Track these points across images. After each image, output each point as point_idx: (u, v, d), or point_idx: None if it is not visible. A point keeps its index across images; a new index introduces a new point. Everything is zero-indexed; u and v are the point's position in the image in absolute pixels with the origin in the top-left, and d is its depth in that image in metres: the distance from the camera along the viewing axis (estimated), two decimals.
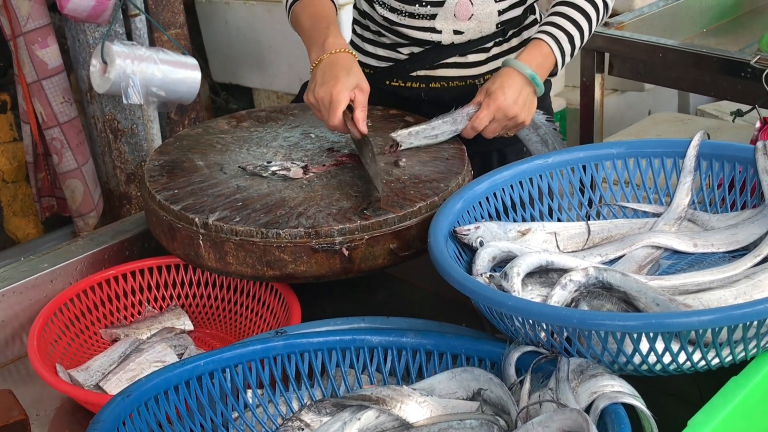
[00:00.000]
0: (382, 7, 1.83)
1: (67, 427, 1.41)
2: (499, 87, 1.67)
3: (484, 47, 1.86)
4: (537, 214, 1.51)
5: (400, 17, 1.81)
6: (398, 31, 1.84)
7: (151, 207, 1.54)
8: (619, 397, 1.05)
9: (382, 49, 1.90)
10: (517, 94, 1.67)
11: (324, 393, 1.28)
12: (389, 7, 1.82)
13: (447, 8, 1.77)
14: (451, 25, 1.79)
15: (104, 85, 2.63)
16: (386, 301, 1.65)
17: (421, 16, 1.80)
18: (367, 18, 1.91)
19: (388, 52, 1.90)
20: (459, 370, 1.22)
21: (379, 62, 1.92)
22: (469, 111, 1.68)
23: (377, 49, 1.91)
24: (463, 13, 1.77)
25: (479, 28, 1.81)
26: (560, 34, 1.73)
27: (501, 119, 1.67)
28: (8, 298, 1.56)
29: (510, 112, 1.66)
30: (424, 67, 1.87)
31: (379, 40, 1.90)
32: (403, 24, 1.82)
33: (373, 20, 1.89)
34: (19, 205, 3.57)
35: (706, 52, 2.66)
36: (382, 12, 1.83)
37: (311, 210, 1.45)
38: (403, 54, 1.87)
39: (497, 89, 1.66)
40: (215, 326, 1.62)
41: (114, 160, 3.21)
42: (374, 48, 1.92)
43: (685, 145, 1.51)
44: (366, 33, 1.93)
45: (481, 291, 1.18)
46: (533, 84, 1.69)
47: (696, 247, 1.40)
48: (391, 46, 1.89)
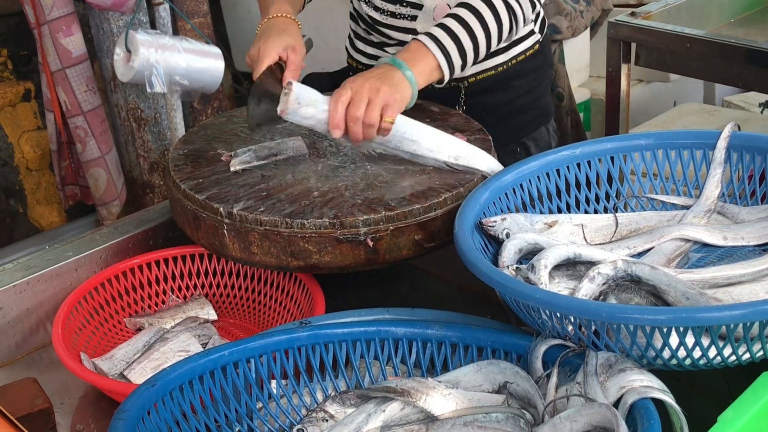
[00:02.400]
0: (368, 5, 1.84)
1: (91, 416, 1.41)
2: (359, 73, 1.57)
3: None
4: (564, 205, 1.49)
5: (382, 16, 1.81)
6: (382, 31, 1.84)
7: (175, 196, 1.54)
8: (649, 392, 1.03)
9: (370, 47, 1.91)
10: (372, 71, 1.54)
11: (348, 384, 1.27)
12: (373, 5, 1.83)
13: (426, 11, 1.76)
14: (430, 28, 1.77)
15: (128, 73, 2.62)
16: (410, 292, 1.65)
17: (402, 16, 1.79)
18: (357, 15, 1.91)
19: (376, 51, 1.90)
20: (485, 362, 1.21)
21: (369, 60, 1.92)
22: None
23: (366, 47, 1.92)
24: (441, 17, 1.74)
25: None
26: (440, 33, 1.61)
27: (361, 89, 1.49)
28: (33, 287, 1.57)
29: (365, 81, 1.50)
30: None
31: (368, 38, 1.91)
32: (385, 24, 1.82)
33: (362, 18, 1.89)
34: (42, 193, 3.59)
35: (733, 42, 2.63)
36: (367, 10, 1.84)
37: (336, 200, 1.44)
38: (390, 53, 1.86)
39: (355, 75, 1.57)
40: (239, 316, 1.62)
41: (137, 149, 3.21)
42: (364, 45, 1.92)
43: (715, 136, 1.49)
44: (358, 29, 1.94)
45: (508, 283, 1.16)
46: (395, 65, 1.55)
47: (726, 240, 1.38)
48: (378, 45, 1.89)
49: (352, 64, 1.98)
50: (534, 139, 1.95)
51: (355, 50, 1.96)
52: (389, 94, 1.49)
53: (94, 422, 1.39)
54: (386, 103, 1.49)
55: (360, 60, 1.95)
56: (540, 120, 1.97)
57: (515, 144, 1.91)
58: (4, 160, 3.47)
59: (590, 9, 3.54)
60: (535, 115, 1.95)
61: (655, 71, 3.49)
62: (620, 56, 2.83)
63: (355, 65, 1.97)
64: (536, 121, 1.96)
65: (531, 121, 1.94)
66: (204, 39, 2.86)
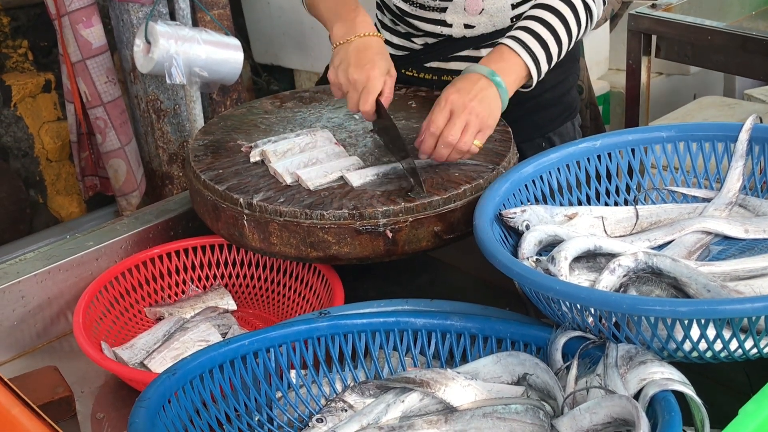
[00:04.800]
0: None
1: (112, 404, 1.42)
2: (450, 84, 1.53)
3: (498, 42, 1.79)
4: (584, 197, 1.48)
5: (412, 8, 1.79)
6: (410, 22, 1.82)
7: (195, 187, 1.54)
8: (669, 384, 1.03)
9: (397, 37, 1.89)
10: (471, 86, 1.50)
11: (367, 375, 1.27)
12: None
13: (457, 2, 1.75)
14: (461, 19, 1.76)
15: (148, 65, 2.63)
16: (429, 283, 1.65)
17: (431, 8, 1.78)
18: (384, 6, 1.90)
19: (403, 41, 1.88)
20: (504, 354, 1.21)
21: (395, 50, 1.90)
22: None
23: (393, 38, 1.90)
24: (473, 8, 1.73)
25: (491, 22, 1.76)
26: (528, 38, 1.59)
27: (459, 111, 1.47)
28: (54, 276, 1.58)
29: (465, 101, 1.47)
30: (437, 59, 1.84)
31: (395, 28, 1.89)
32: (414, 15, 1.81)
33: (389, 9, 1.88)
34: (62, 183, 3.61)
35: (755, 34, 2.62)
36: (395, 2, 1.82)
37: (355, 191, 1.44)
38: (417, 44, 1.85)
39: (448, 86, 1.53)
40: (258, 306, 1.62)
41: (156, 140, 3.22)
42: (391, 36, 1.90)
43: (737, 128, 1.48)
44: (384, 19, 1.92)
45: (528, 275, 1.16)
46: (492, 82, 1.52)
47: (747, 233, 1.38)
48: (406, 36, 1.87)
49: None
50: (560, 134, 1.93)
51: None
52: (485, 118, 1.48)
53: (114, 410, 1.40)
54: (481, 128, 1.48)
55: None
56: (566, 115, 1.95)
57: (541, 138, 1.90)
58: (25, 150, 3.49)
59: (610, 1, 3.53)
60: (561, 110, 1.94)
61: (675, 64, 3.47)
62: (640, 48, 2.81)
63: None
64: (562, 116, 1.94)
65: (557, 116, 1.93)
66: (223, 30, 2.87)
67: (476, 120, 1.47)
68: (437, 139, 1.46)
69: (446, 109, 1.48)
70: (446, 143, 1.46)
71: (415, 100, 1.77)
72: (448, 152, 1.47)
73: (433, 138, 1.47)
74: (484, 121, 1.48)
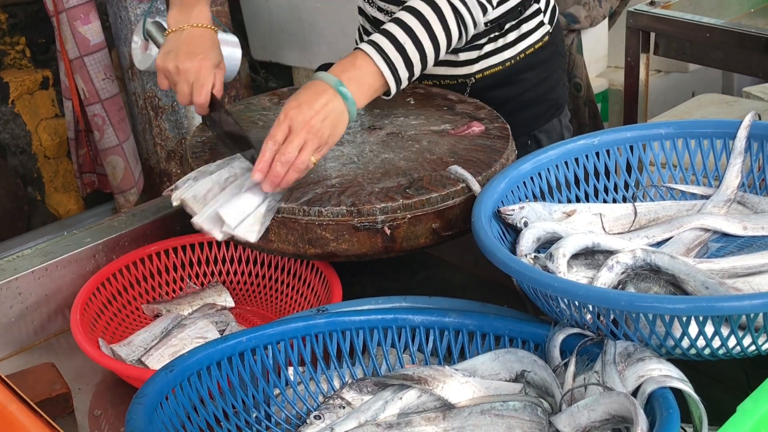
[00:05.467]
0: (371, 6, 1.82)
1: (109, 401, 1.42)
2: (294, 95, 1.43)
3: (477, 44, 1.78)
4: (582, 194, 1.48)
5: (386, 17, 1.79)
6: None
7: None
8: (668, 381, 1.03)
9: None
10: (314, 99, 1.40)
11: (365, 372, 1.27)
12: (377, 6, 1.81)
13: None
14: None
15: (146, 61, 2.62)
16: (427, 280, 1.65)
17: None
18: (363, 14, 1.89)
19: None
20: (502, 351, 1.21)
21: None
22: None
23: None
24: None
25: None
26: (386, 43, 1.50)
27: (299, 129, 1.38)
28: (51, 273, 1.57)
29: (306, 118, 1.38)
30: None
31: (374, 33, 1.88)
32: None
33: (367, 17, 1.87)
34: (60, 180, 3.60)
35: (753, 32, 2.62)
36: (371, 11, 1.82)
37: (353, 188, 1.44)
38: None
39: (291, 98, 1.43)
40: (256, 303, 1.62)
41: (154, 137, 3.22)
42: None
43: (736, 125, 1.48)
44: (366, 25, 1.91)
45: (526, 272, 1.16)
46: (339, 93, 1.42)
47: (746, 230, 1.37)
48: None
49: None
50: (546, 131, 1.92)
51: None
52: (326, 137, 1.40)
53: (111, 407, 1.40)
54: (320, 145, 1.40)
55: None
56: (551, 112, 1.93)
57: (526, 137, 1.88)
58: (22, 147, 3.49)
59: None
60: (546, 108, 1.91)
61: (674, 62, 3.47)
62: (639, 46, 2.81)
63: None
64: (547, 114, 1.92)
65: (542, 114, 1.90)
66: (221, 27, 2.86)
67: (315, 138, 1.39)
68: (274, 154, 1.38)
69: (285, 124, 1.39)
70: (283, 161, 1.37)
71: (414, 96, 1.77)
72: (284, 170, 1.38)
73: (272, 153, 1.38)
74: (323, 139, 1.40)
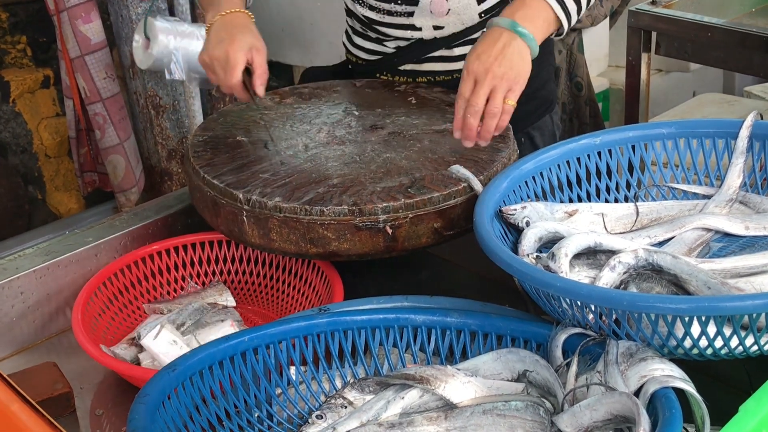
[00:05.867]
0: (362, 6, 1.81)
1: (111, 400, 1.42)
2: (472, 48, 1.45)
3: (471, 39, 1.78)
4: (584, 194, 1.48)
5: (379, 15, 1.79)
6: (378, 29, 1.82)
7: (195, 183, 1.54)
8: (670, 381, 1.03)
9: (369, 42, 1.88)
10: (491, 46, 1.41)
11: (367, 371, 1.27)
12: (368, 5, 1.80)
13: (422, 6, 1.74)
14: (429, 22, 1.75)
15: (147, 60, 2.62)
16: (429, 280, 1.64)
17: (398, 13, 1.77)
18: (352, 14, 1.89)
19: (375, 46, 1.87)
20: (504, 351, 1.21)
21: (368, 55, 1.90)
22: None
23: (365, 42, 1.89)
24: (439, 10, 1.71)
25: (460, 20, 1.75)
26: None
27: (482, 78, 1.40)
28: (53, 272, 1.57)
29: (486, 66, 1.39)
30: (410, 61, 1.83)
31: (366, 33, 1.88)
32: (382, 22, 1.80)
33: (357, 17, 1.87)
34: (61, 179, 3.60)
35: (755, 31, 2.62)
36: (362, 11, 1.82)
37: (355, 188, 1.44)
38: (389, 48, 1.85)
39: (470, 52, 1.44)
40: (257, 303, 1.62)
41: (155, 136, 3.22)
42: (362, 41, 1.90)
43: (737, 125, 1.48)
44: (355, 26, 1.91)
45: (528, 271, 1.16)
46: (515, 33, 1.43)
47: (748, 230, 1.37)
48: (377, 41, 1.87)
49: (351, 58, 1.96)
50: (538, 128, 1.92)
51: (354, 46, 1.93)
52: (513, 76, 1.41)
53: (113, 406, 1.40)
54: (510, 87, 1.41)
55: (359, 55, 1.92)
56: (543, 109, 1.94)
57: (519, 134, 1.88)
58: (23, 146, 3.49)
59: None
60: (538, 105, 1.92)
61: (675, 61, 3.48)
62: (640, 45, 2.81)
63: (354, 60, 1.95)
64: (539, 111, 1.92)
65: (534, 111, 1.90)
66: None
67: (502, 82, 1.40)
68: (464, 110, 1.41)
69: (469, 79, 1.41)
70: (473, 112, 1.40)
71: (415, 96, 1.77)
72: (476, 120, 1.40)
73: (462, 110, 1.41)
74: (511, 80, 1.41)
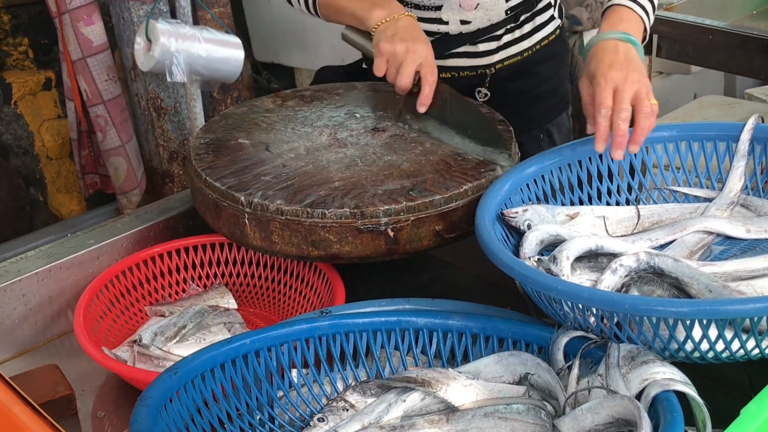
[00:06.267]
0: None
1: (112, 403, 1.42)
2: (597, 62, 1.50)
3: (495, 35, 1.82)
4: (585, 197, 1.48)
5: (407, 9, 1.80)
6: None
7: (196, 185, 1.54)
8: (671, 384, 1.03)
9: None
10: (617, 56, 1.48)
11: (369, 374, 1.27)
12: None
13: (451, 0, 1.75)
14: (457, 16, 1.77)
15: (148, 63, 2.63)
16: (430, 283, 1.64)
17: (426, 7, 1.78)
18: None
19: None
20: (506, 353, 1.21)
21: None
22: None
23: None
24: (468, 3, 1.74)
25: (487, 16, 1.78)
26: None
27: (622, 85, 1.44)
28: (55, 274, 1.58)
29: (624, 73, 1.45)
30: (436, 57, 1.83)
31: None
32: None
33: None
34: (62, 181, 3.61)
35: (756, 34, 2.62)
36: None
37: (357, 190, 1.44)
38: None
39: (594, 66, 1.50)
40: (259, 305, 1.62)
41: (157, 138, 3.22)
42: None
43: (739, 128, 1.48)
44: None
45: (530, 274, 1.16)
46: (627, 42, 1.51)
47: (749, 233, 1.38)
48: None
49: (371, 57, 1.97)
50: (557, 124, 1.96)
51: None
52: (645, 80, 1.46)
53: (115, 409, 1.40)
54: (647, 89, 1.45)
55: None
56: (561, 106, 1.99)
57: (539, 130, 1.91)
58: (25, 148, 3.49)
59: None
60: (557, 101, 1.96)
61: (676, 64, 3.47)
62: None
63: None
64: (558, 107, 1.97)
65: (553, 108, 1.95)
66: (224, 29, 2.87)
67: (640, 86, 1.44)
68: (610, 120, 1.43)
69: (609, 87, 1.44)
70: (623, 118, 1.41)
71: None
72: (626, 126, 1.42)
73: (607, 120, 1.43)
74: (645, 82, 1.45)
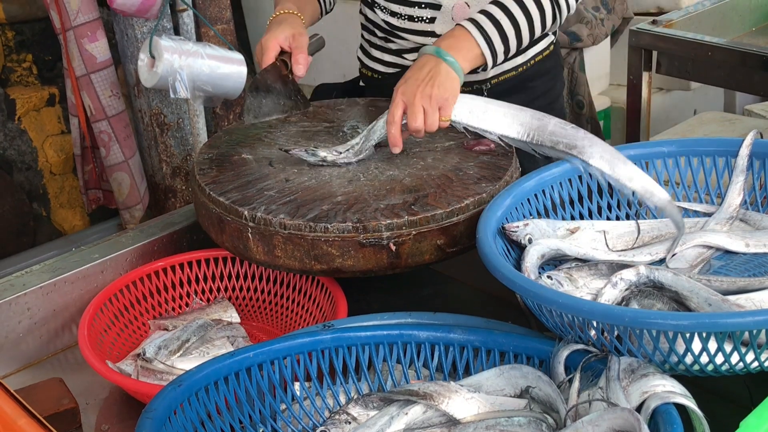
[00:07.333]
0: (383, 11, 1.84)
1: (116, 416, 1.42)
2: (402, 77, 1.57)
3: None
4: (586, 212, 1.50)
5: (400, 21, 1.82)
6: (400, 35, 1.84)
7: (200, 200, 1.56)
8: (671, 397, 1.04)
9: (388, 54, 1.91)
10: (418, 72, 1.54)
11: (371, 387, 1.28)
12: (389, 11, 1.83)
13: (444, 12, 1.77)
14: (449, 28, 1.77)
15: (152, 79, 2.64)
16: (432, 297, 1.65)
17: (420, 19, 1.79)
18: (372, 24, 1.91)
19: (394, 58, 1.90)
20: (507, 367, 1.22)
21: (386, 68, 1.92)
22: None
23: (384, 55, 1.92)
24: (460, 16, 1.74)
25: None
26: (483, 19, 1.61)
27: (411, 100, 1.51)
28: (59, 288, 1.59)
29: (414, 89, 1.51)
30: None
31: (385, 46, 1.91)
32: (403, 28, 1.83)
33: (377, 26, 1.89)
34: (66, 197, 3.62)
35: (755, 50, 2.63)
36: (383, 17, 1.84)
37: (359, 205, 1.45)
38: (408, 60, 1.87)
39: (400, 79, 1.57)
40: (262, 319, 1.63)
41: (160, 154, 3.24)
42: (381, 54, 1.92)
43: (738, 144, 1.49)
44: (373, 38, 1.94)
45: (531, 288, 1.17)
46: (441, 59, 1.55)
47: (748, 247, 1.39)
48: (397, 52, 1.89)
49: (366, 73, 1.98)
50: None
51: (371, 59, 1.95)
52: (441, 96, 1.52)
53: (119, 422, 1.41)
54: (440, 105, 1.52)
55: (376, 68, 1.94)
56: None
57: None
58: (28, 164, 3.50)
59: (611, 17, 3.55)
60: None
61: (675, 80, 3.49)
62: (641, 64, 2.83)
63: (369, 74, 1.97)
64: None
65: None
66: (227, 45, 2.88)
67: (432, 101, 1.51)
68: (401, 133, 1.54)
69: (399, 102, 1.53)
70: (416, 132, 1.53)
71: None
72: (420, 136, 1.55)
73: (398, 132, 1.54)
74: (442, 98, 1.52)
